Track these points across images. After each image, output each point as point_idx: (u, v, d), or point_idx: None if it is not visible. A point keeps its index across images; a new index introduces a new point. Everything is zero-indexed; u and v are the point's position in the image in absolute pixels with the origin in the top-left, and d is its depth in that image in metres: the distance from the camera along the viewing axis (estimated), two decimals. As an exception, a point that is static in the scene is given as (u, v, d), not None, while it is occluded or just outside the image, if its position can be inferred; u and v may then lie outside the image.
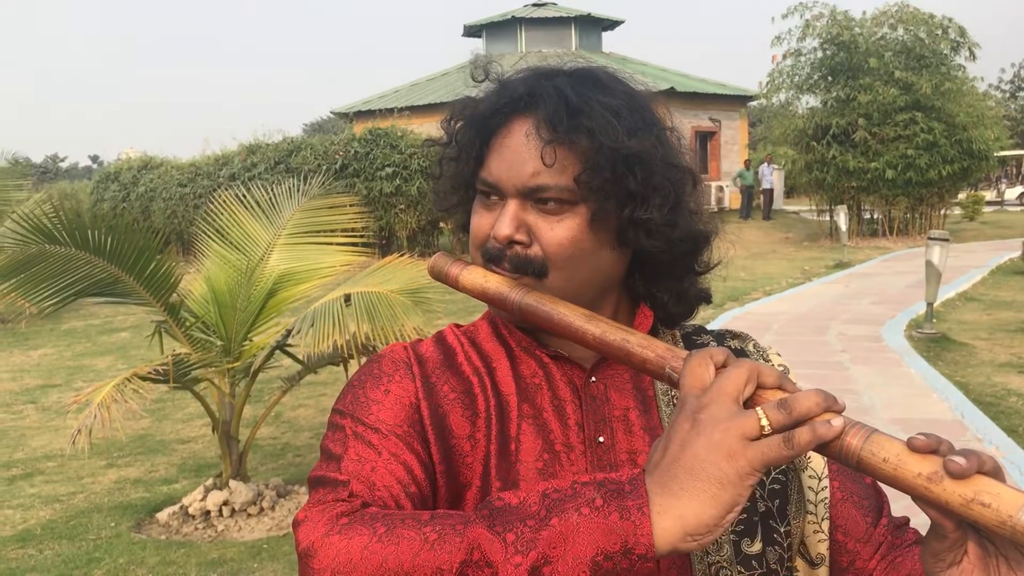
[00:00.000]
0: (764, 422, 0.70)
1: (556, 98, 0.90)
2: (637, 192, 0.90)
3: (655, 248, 0.93)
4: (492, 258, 0.93)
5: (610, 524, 0.70)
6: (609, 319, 0.88)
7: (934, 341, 8.67)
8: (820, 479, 0.98)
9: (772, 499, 0.95)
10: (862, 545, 0.98)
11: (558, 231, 0.91)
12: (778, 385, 0.74)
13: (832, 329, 9.55)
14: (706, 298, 1.04)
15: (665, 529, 0.69)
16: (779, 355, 1.08)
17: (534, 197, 0.91)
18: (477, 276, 0.94)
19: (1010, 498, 0.65)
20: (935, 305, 9.44)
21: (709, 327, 1.12)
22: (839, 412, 0.72)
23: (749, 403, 0.74)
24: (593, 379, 0.97)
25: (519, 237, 0.92)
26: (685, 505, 0.69)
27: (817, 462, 0.99)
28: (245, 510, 4.74)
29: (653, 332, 1.02)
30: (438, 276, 0.98)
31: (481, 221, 0.95)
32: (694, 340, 1.06)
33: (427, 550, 0.72)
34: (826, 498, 0.98)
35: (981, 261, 15.47)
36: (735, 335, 1.09)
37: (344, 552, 0.74)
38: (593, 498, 0.71)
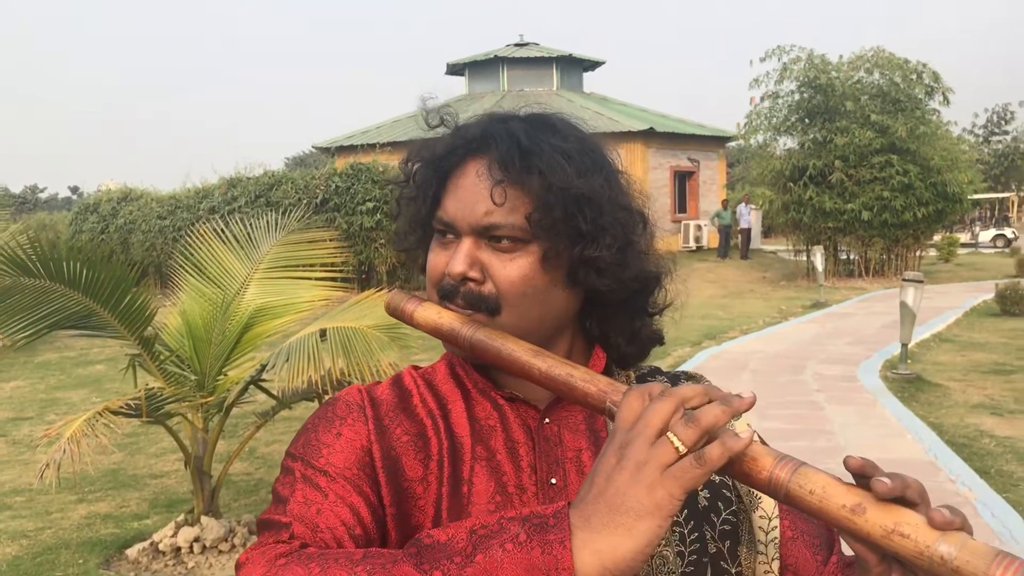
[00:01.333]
0: (676, 443, 0.71)
1: (508, 140, 0.93)
2: (587, 232, 0.92)
3: (605, 287, 0.95)
4: (447, 295, 0.95)
5: (532, 559, 0.71)
6: (560, 358, 0.89)
7: (909, 382, 8.73)
8: (770, 519, 0.99)
9: (723, 540, 0.96)
10: None
11: (511, 269, 0.93)
12: (707, 403, 0.76)
13: (808, 369, 9.61)
14: (658, 340, 1.05)
15: (585, 563, 0.70)
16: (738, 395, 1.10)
17: (487, 235, 0.93)
18: (431, 312, 0.96)
19: (928, 529, 0.66)
20: (910, 346, 9.53)
21: (685, 366, 1.14)
22: (746, 408, 0.74)
23: None
24: (547, 420, 0.98)
25: (473, 274, 0.93)
26: (605, 539, 0.71)
27: (768, 502, 1.00)
28: (216, 547, 4.68)
29: (607, 373, 1.03)
30: (394, 313, 1.00)
31: (437, 259, 0.97)
32: (647, 380, 1.08)
33: None
34: (776, 538, 0.99)
35: (956, 303, 15.63)
36: (690, 376, 1.10)
37: None
38: (517, 534, 0.72)
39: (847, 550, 1.04)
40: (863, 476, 0.70)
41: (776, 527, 0.99)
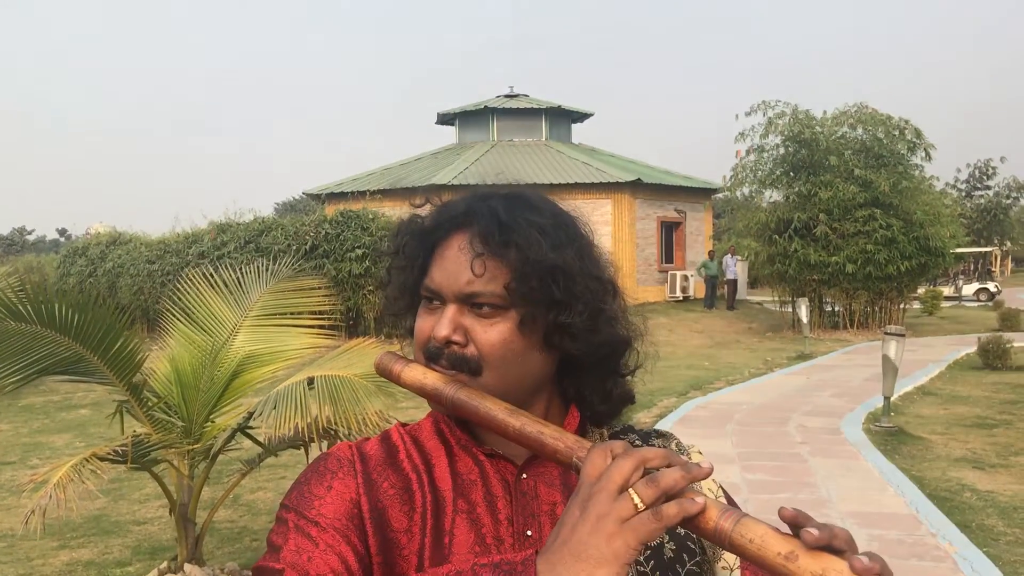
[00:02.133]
0: (636, 500, 0.79)
1: (489, 216, 1.02)
2: (560, 300, 1.00)
3: (578, 351, 1.03)
4: (432, 356, 1.03)
5: None
6: (533, 416, 0.97)
7: (891, 435, 8.79)
8: (732, 570, 1.06)
9: None
10: None
11: (491, 333, 1.01)
12: (666, 465, 0.83)
13: (792, 420, 9.67)
14: (630, 399, 1.12)
15: None
16: (700, 453, 1.16)
17: (470, 302, 1.01)
18: (417, 373, 1.03)
19: (851, 573, 0.74)
20: (893, 398, 9.60)
21: (671, 416, 1.21)
22: (703, 477, 0.82)
23: None
24: (524, 475, 1.05)
25: (456, 338, 1.01)
26: None
27: (730, 555, 1.06)
28: (199, 595, 4.66)
29: (582, 430, 1.10)
30: (383, 373, 1.07)
31: (424, 323, 1.05)
32: (621, 438, 1.14)
33: None
34: None
35: (939, 356, 15.75)
36: (660, 434, 1.17)
37: None
38: None
39: None
40: (796, 526, 0.78)
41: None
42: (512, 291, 0.99)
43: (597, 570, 0.78)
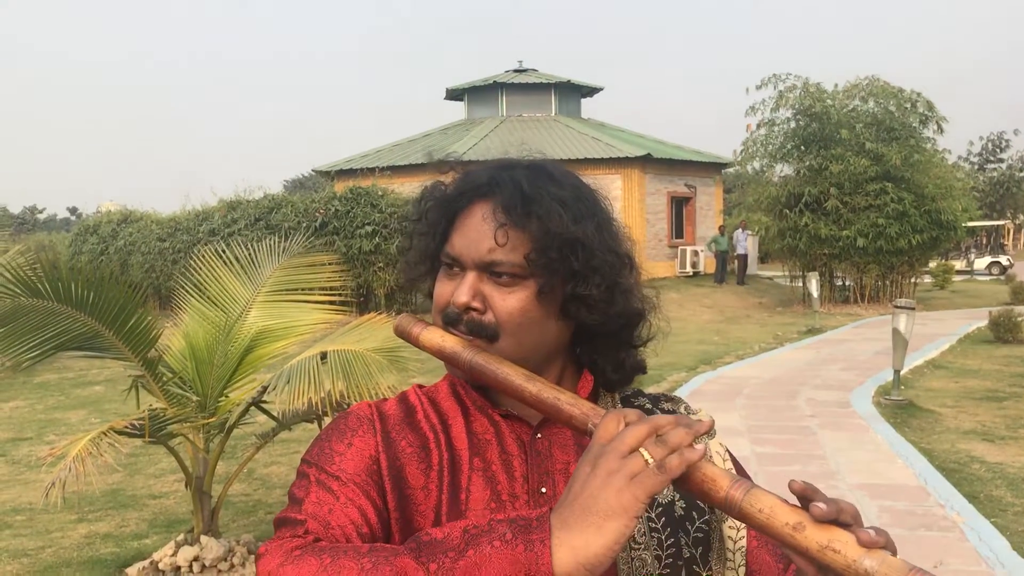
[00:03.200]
0: (646, 455, 0.83)
1: (512, 187, 1.04)
2: (578, 271, 1.03)
3: (593, 321, 1.06)
4: (451, 321, 1.06)
5: (516, 555, 0.81)
6: (548, 381, 1.00)
7: (901, 408, 8.82)
8: (739, 529, 1.10)
9: (696, 546, 1.07)
10: None
11: (509, 301, 1.03)
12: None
13: (802, 394, 9.69)
14: (641, 369, 1.15)
15: (561, 560, 0.81)
16: (708, 417, 1.20)
17: (490, 270, 1.04)
18: (436, 336, 1.06)
19: (856, 546, 0.78)
20: (903, 372, 9.61)
21: (680, 391, 1.24)
22: (706, 431, 0.85)
23: None
24: (539, 436, 1.09)
25: (475, 304, 1.04)
26: (578, 537, 0.82)
27: None
28: (216, 566, 4.74)
29: (594, 395, 1.13)
30: (402, 334, 1.10)
31: (443, 289, 1.08)
32: (631, 402, 1.18)
33: None
34: (743, 547, 1.09)
35: (950, 329, 15.73)
36: (669, 398, 1.21)
37: None
38: (504, 533, 0.83)
39: None
40: (805, 499, 0.81)
41: (744, 537, 1.10)
42: (532, 261, 1.02)
43: (608, 522, 0.81)
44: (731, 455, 1.16)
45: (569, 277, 1.03)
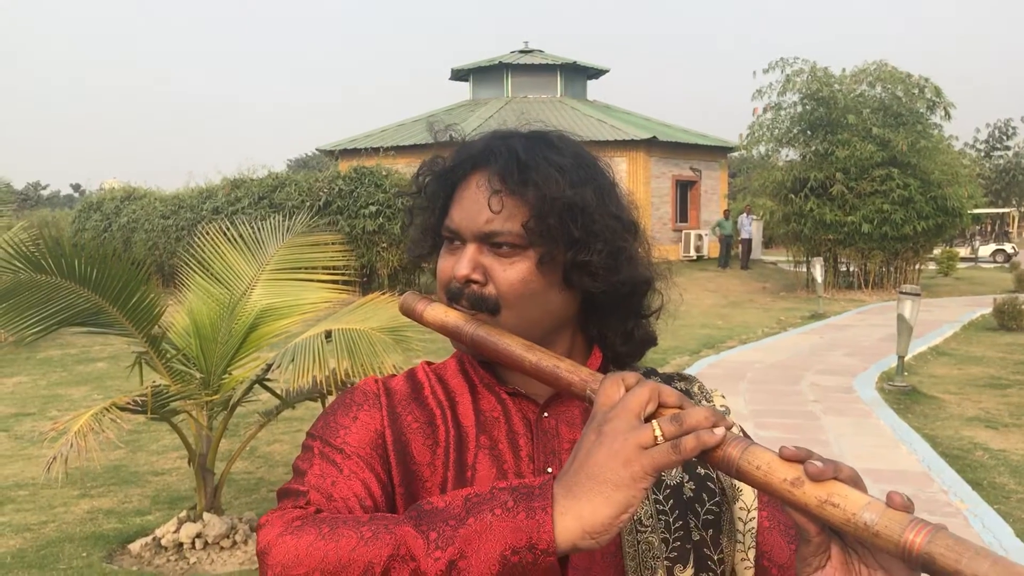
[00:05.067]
0: (658, 432, 0.80)
1: (507, 154, 1.01)
2: (579, 238, 1.00)
3: (597, 289, 1.03)
4: (453, 296, 1.04)
5: (517, 523, 0.79)
6: (550, 352, 0.97)
7: (904, 394, 8.80)
8: (749, 510, 1.07)
9: (706, 528, 1.04)
10: (784, 570, 1.06)
11: (510, 272, 1.01)
12: (678, 404, 0.84)
13: (805, 379, 9.68)
14: (652, 341, 1.12)
15: (566, 527, 0.79)
16: (723, 396, 1.17)
17: (489, 241, 1.01)
18: (439, 312, 1.04)
19: (856, 499, 0.75)
20: (907, 358, 9.59)
21: (687, 371, 1.21)
22: (728, 427, 0.82)
23: (651, 419, 0.83)
24: (546, 414, 1.06)
25: (476, 277, 1.02)
26: (583, 506, 0.79)
27: (748, 495, 1.07)
28: (218, 543, 4.75)
29: (603, 370, 1.10)
30: (406, 312, 1.09)
31: (445, 264, 1.06)
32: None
33: (362, 546, 0.82)
34: (753, 528, 1.06)
35: (954, 316, 15.70)
36: (683, 377, 1.17)
37: (293, 549, 0.84)
38: (506, 500, 0.81)
39: None
40: (799, 463, 0.78)
41: (755, 518, 1.07)
42: (530, 229, 0.99)
43: (615, 493, 0.79)
44: (744, 433, 1.13)
45: (570, 244, 1.00)
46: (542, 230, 0.99)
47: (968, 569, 0.68)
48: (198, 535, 4.75)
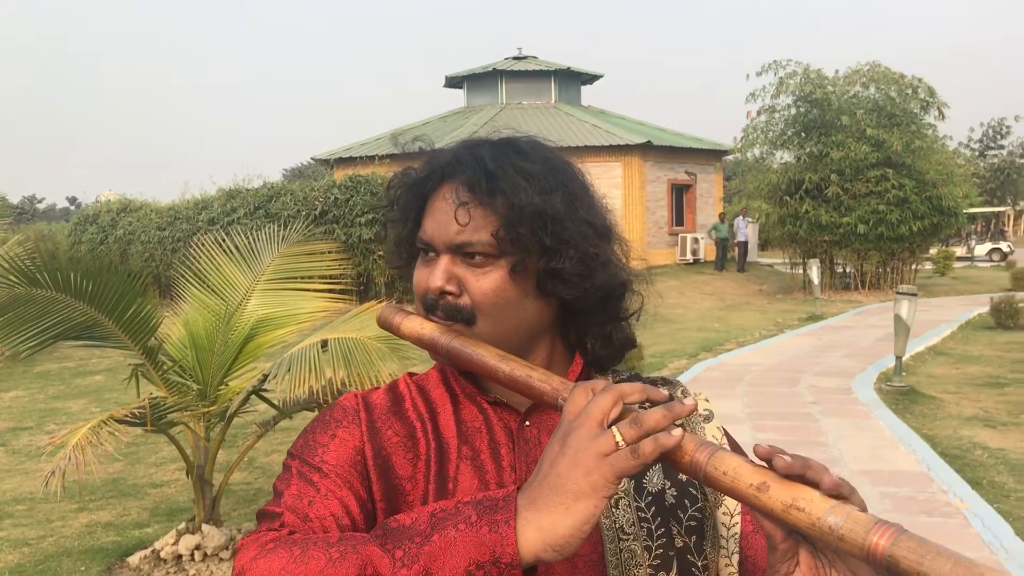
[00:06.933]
0: (618, 438, 0.80)
1: (475, 164, 1.01)
2: (550, 245, 0.99)
3: (571, 295, 1.02)
4: (429, 308, 1.04)
5: (481, 537, 0.79)
6: (524, 361, 0.97)
7: (903, 394, 8.80)
8: (732, 516, 1.07)
9: (689, 535, 1.03)
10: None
11: (483, 282, 1.00)
12: (643, 399, 0.84)
13: (803, 381, 9.68)
14: (631, 343, 1.11)
15: (528, 540, 0.79)
16: (707, 400, 1.16)
17: (461, 252, 1.01)
18: (415, 324, 1.04)
19: (821, 503, 0.75)
20: (905, 359, 9.60)
21: (681, 378, 1.20)
22: (685, 415, 0.82)
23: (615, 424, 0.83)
24: (527, 423, 1.06)
25: (450, 288, 1.01)
26: (545, 517, 0.79)
27: (731, 500, 1.06)
28: (217, 554, 4.74)
29: (585, 377, 1.09)
30: (384, 325, 1.09)
31: (420, 275, 1.05)
32: None
33: (330, 567, 0.82)
34: (736, 533, 1.06)
35: (951, 316, 15.71)
36: (667, 382, 1.16)
37: (266, 572, 0.85)
38: (469, 515, 0.81)
39: None
40: (770, 461, 0.78)
41: (737, 523, 1.06)
42: (501, 239, 0.99)
43: (576, 503, 0.79)
44: (729, 437, 1.12)
45: (542, 252, 1.00)
46: (512, 239, 0.98)
47: (930, 571, 0.68)
48: (197, 547, 4.73)
